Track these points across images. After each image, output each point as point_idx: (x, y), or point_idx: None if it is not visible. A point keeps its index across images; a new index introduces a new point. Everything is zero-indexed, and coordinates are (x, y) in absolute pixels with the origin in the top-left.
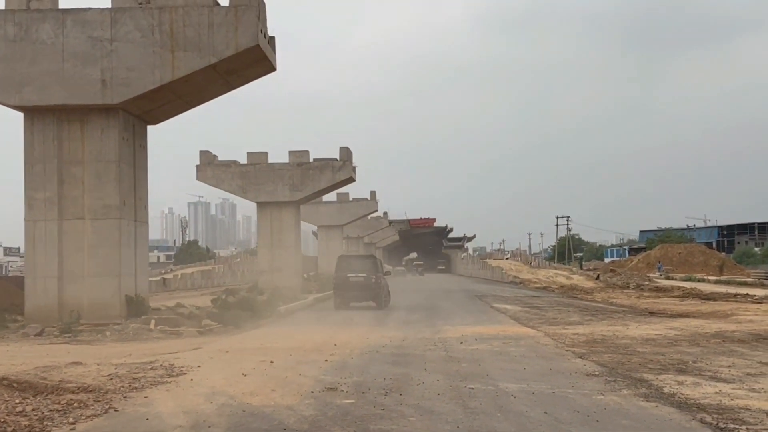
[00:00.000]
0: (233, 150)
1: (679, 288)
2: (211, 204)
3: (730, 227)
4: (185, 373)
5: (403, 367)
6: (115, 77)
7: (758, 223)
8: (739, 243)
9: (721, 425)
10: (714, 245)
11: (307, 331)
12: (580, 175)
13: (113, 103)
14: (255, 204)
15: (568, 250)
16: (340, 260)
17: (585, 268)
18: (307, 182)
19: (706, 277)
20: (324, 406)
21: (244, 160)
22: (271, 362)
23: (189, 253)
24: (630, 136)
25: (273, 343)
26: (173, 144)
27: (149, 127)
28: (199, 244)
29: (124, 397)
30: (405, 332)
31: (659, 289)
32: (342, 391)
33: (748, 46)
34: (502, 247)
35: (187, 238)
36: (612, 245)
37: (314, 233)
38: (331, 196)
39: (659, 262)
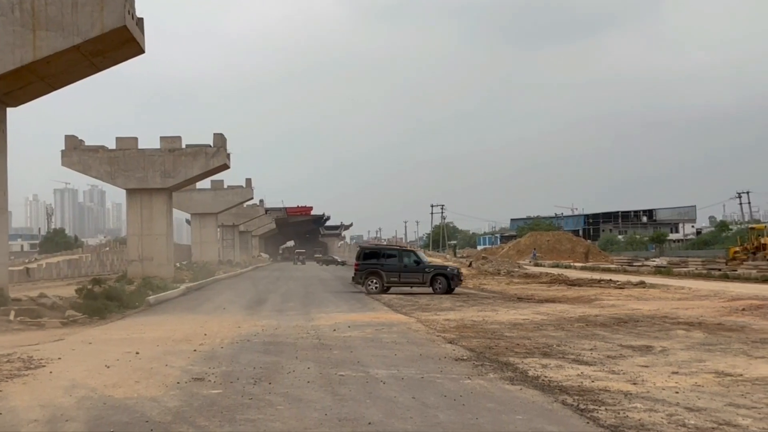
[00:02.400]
0: (102, 136)
1: (547, 274)
2: (78, 191)
3: (595, 215)
4: (44, 366)
5: (274, 356)
6: None
7: (622, 212)
8: (603, 231)
9: (582, 406)
10: (580, 233)
11: (176, 321)
12: (455, 164)
13: None
14: (125, 191)
15: (443, 237)
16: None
17: (459, 255)
18: (179, 169)
19: (572, 264)
20: (190, 397)
21: (113, 146)
22: (137, 353)
23: (55, 241)
24: (502, 127)
25: (140, 333)
26: (39, 128)
27: (9, 110)
28: (66, 232)
29: None
30: (278, 320)
31: (528, 276)
32: (209, 381)
33: (611, 41)
34: (378, 235)
35: (52, 226)
36: (485, 233)
37: (187, 221)
38: (205, 184)
39: (534, 249)
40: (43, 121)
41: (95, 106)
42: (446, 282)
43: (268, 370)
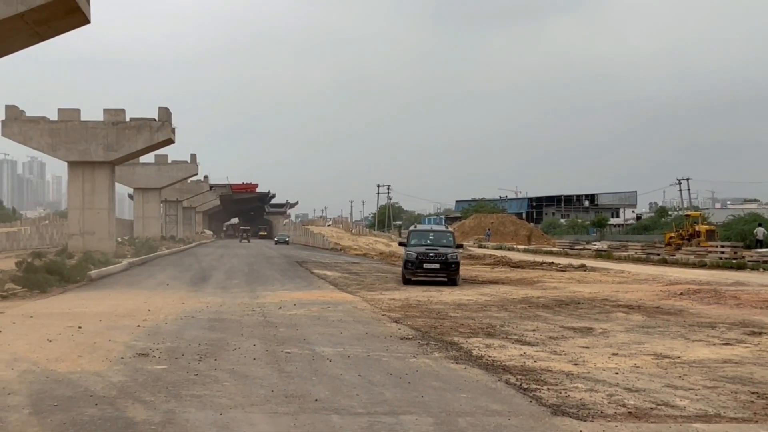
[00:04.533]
0: (43, 107)
1: (490, 256)
2: (18, 162)
3: (539, 199)
4: None
5: (220, 333)
6: None
7: (564, 196)
8: (546, 214)
9: (525, 386)
10: (524, 216)
11: (119, 296)
12: (403, 145)
13: None
14: (66, 163)
15: (388, 218)
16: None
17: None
18: (123, 142)
19: (515, 246)
20: (134, 372)
21: (55, 117)
22: (79, 328)
23: None
24: (449, 110)
25: (82, 308)
26: None
27: None
28: (4, 204)
29: None
30: (223, 297)
31: (472, 257)
32: (154, 357)
33: (556, 26)
34: (324, 214)
35: None
36: (430, 214)
37: (130, 196)
38: (149, 158)
39: (488, 229)
40: None
41: (36, 77)
42: None
43: (213, 346)
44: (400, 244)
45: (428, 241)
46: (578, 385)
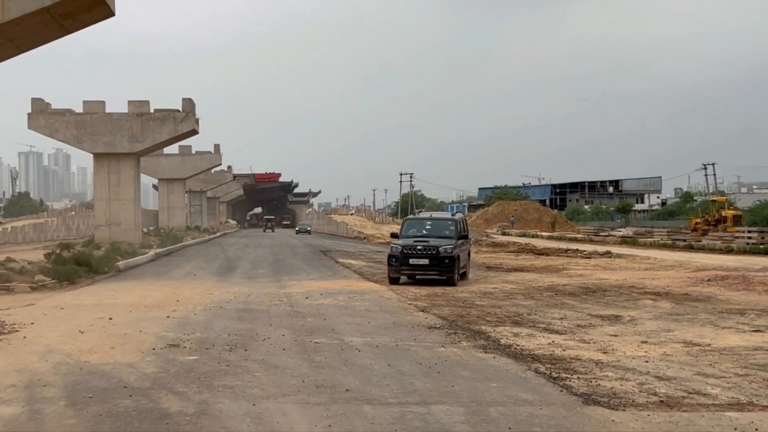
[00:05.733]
0: (69, 99)
1: (514, 243)
2: (43, 154)
3: (562, 186)
4: (17, 331)
5: (248, 323)
6: None
7: (588, 182)
8: (570, 201)
9: (554, 375)
10: (547, 203)
11: (147, 287)
12: (426, 132)
13: None
14: (92, 155)
15: (411, 206)
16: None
17: None
18: (147, 133)
19: (539, 233)
20: (166, 363)
21: (80, 109)
22: (110, 319)
23: (20, 205)
24: (473, 103)
25: (112, 299)
26: (3, 89)
27: None
28: (31, 196)
29: None
30: (250, 287)
31: (496, 245)
32: (185, 347)
33: (579, 10)
34: (347, 202)
35: (17, 190)
36: (452, 202)
37: (154, 186)
38: (172, 149)
39: (512, 216)
40: (6, 83)
41: (62, 70)
42: None
43: (242, 337)
44: (392, 235)
45: (424, 232)
46: (608, 374)
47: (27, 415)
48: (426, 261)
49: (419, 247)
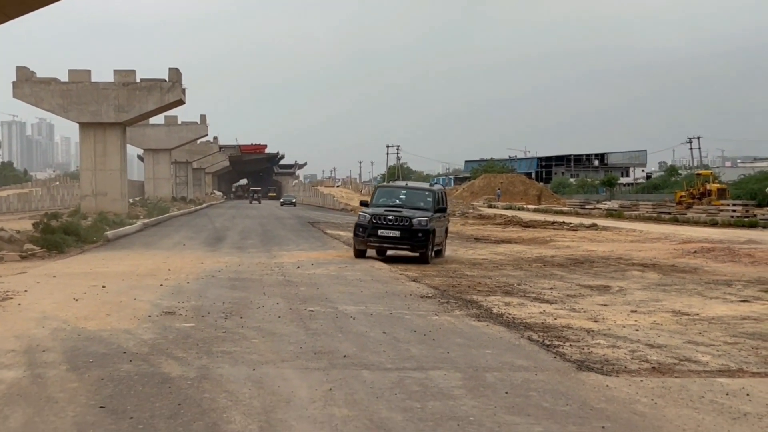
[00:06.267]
0: (54, 68)
1: (501, 216)
2: (26, 124)
3: (548, 159)
4: (11, 298)
5: (242, 292)
6: None
7: (574, 156)
8: (556, 174)
9: (547, 342)
10: (533, 175)
11: (137, 256)
12: (413, 104)
13: None
14: (77, 125)
15: (398, 178)
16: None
17: None
18: (133, 103)
19: (525, 206)
20: (163, 330)
21: (65, 79)
22: (103, 287)
23: (3, 175)
24: (453, 66)
25: (103, 267)
26: None
27: None
28: (14, 165)
29: None
30: (240, 257)
31: (483, 217)
32: (181, 315)
33: None
34: (333, 174)
35: (0, 160)
36: (438, 174)
37: (139, 157)
38: (158, 119)
39: (498, 189)
40: None
41: (46, 41)
42: None
43: (237, 305)
44: (362, 203)
45: (397, 201)
46: (600, 342)
47: (29, 378)
48: (397, 233)
49: (390, 218)
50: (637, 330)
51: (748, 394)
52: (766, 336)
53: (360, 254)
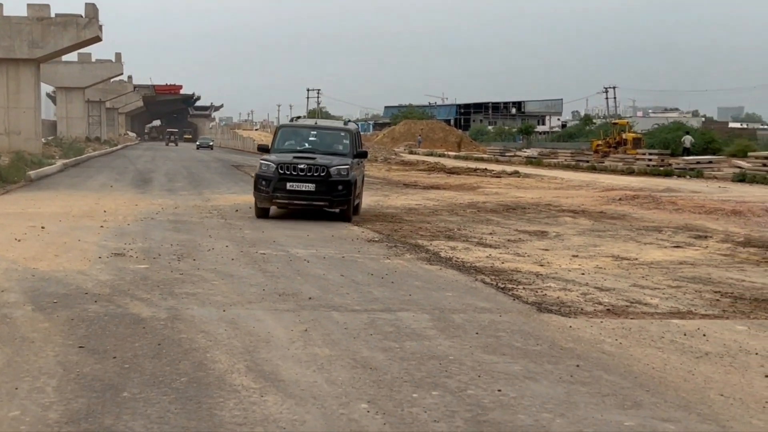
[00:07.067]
0: None
1: (424, 162)
2: None
3: (467, 106)
4: None
5: (186, 234)
6: None
7: (492, 103)
8: (474, 121)
9: (501, 285)
10: (452, 123)
11: (66, 197)
12: (330, 48)
13: None
14: None
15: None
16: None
17: None
18: (48, 39)
19: (446, 153)
20: (119, 271)
21: None
22: (42, 228)
23: None
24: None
25: (35, 208)
26: None
27: None
28: None
29: None
30: (174, 200)
31: (406, 163)
32: (131, 257)
33: None
34: (250, 117)
35: None
36: (357, 119)
37: (49, 96)
38: (71, 56)
39: (419, 135)
40: None
41: None
42: None
43: (186, 247)
44: (261, 148)
45: (306, 145)
46: (551, 285)
47: None
48: (311, 186)
49: (301, 167)
50: (582, 274)
51: (704, 335)
52: (706, 280)
53: (263, 213)
